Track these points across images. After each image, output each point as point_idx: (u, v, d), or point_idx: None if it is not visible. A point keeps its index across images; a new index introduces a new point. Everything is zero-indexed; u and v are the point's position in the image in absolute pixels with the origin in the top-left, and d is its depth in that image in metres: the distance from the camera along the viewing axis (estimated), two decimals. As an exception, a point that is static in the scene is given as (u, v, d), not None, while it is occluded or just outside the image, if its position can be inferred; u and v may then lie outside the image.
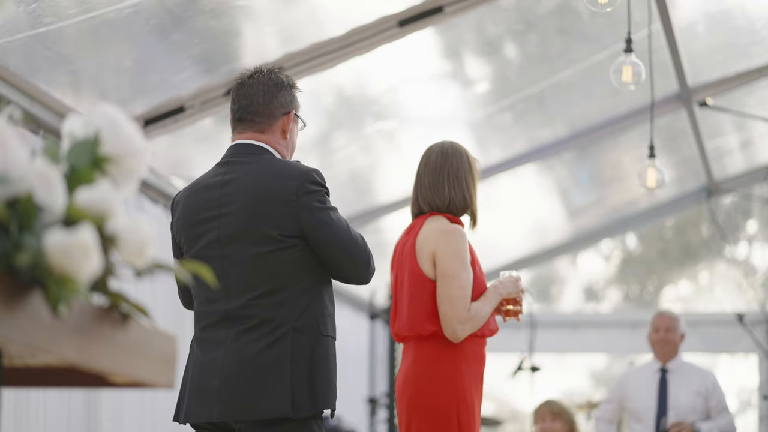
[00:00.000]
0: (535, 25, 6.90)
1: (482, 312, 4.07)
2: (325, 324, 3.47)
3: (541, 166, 8.85)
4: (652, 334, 6.88)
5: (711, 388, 6.73)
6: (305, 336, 3.40)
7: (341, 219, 3.49)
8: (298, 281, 3.43)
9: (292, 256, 3.43)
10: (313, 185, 3.45)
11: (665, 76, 7.30)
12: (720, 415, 6.68)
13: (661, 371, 6.82)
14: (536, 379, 8.18)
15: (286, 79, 3.65)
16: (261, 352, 3.38)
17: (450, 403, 4.02)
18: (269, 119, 3.58)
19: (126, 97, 5.72)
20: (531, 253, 10.26)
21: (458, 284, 4.04)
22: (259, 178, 3.48)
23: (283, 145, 3.61)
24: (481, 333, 4.10)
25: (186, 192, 3.62)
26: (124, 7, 4.95)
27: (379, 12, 5.94)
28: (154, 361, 1.60)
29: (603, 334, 10.12)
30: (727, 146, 9.26)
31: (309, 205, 3.43)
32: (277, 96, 3.59)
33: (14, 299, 1.33)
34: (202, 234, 3.51)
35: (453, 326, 4.02)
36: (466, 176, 4.17)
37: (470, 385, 4.07)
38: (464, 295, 4.04)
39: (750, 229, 10.56)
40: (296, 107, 3.65)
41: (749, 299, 10.11)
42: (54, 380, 1.64)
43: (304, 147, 7.34)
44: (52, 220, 1.39)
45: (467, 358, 4.08)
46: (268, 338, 3.39)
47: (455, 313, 4.03)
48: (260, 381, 3.37)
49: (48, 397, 5.13)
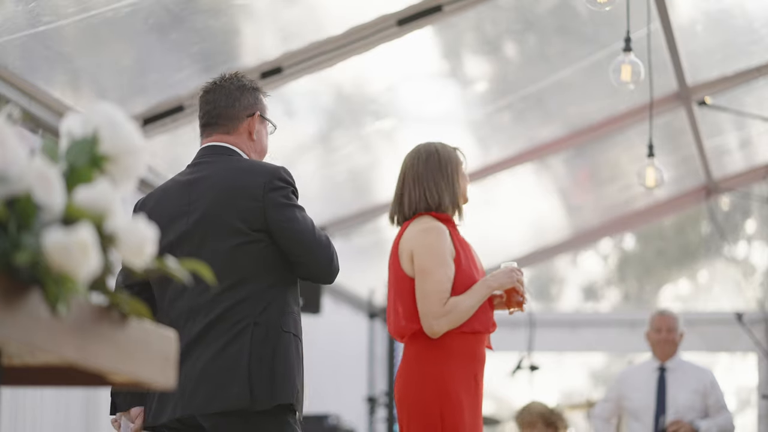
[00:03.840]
0: (534, 24, 6.90)
1: (461, 306, 4.01)
2: (287, 321, 3.48)
3: (540, 165, 8.85)
4: (653, 334, 6.87)
5: (709, 387, 6.73)
6: (266, 331, 3.42)
7: (306, 218, 3.52)
8: (262, 277, 3.46)
9: (258, 251, 3.46)
10: (280, 182, 3.50)
11: (664, 75, 7.29)
12: (718, 414, 6.69)
13: (660, 370, 6.82)
14: (535, 378, 8.18)
15: (249, 82, 3.71)
16: (221, 349, 3.40)
17: (434, 403, 3.99)
18: (233, 122, 3.64)
19: (125, 96, 5.72)
20: (530, 252, 10.26)
21: (433, 279, 4.03)
22: (227, 175, 3.53)
23: (251, 146, 3.66)
24: (470, 329, 4.04)
25: (154, 193, 3.67)
26: (123, 6, 4.95)
27: (378, 11, 5.94)
28: (154, 361, 1.60)
29: (602, 333, 10.12)
30: (726, 145, 9.26)
31: (275, 201, 3.47)
32: (240, 99, 3.65)
33: (13, 298, 1.33)
34: (172, 229, 3.53)
35: (429, 322, 4.01)
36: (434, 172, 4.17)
37: (458, 384, 4.01)
38: (439, 290, 4.01)
39: (749, 229, 10.56)
40: (261, 109, 3.70)
41: (748, 298, 10.11)
42: (53, 379, 1.64)
43: (304, 146, 7.34)
44: (51, 219, 1.39)
45: (454, 357, 4.03)
46: (228, 335, 3.42)
47: (430, 309, 4.01)
48: (220, 376, 3.39)
49: (46, 396, 5.13)
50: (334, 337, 8.78)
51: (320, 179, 7.77)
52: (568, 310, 10.87)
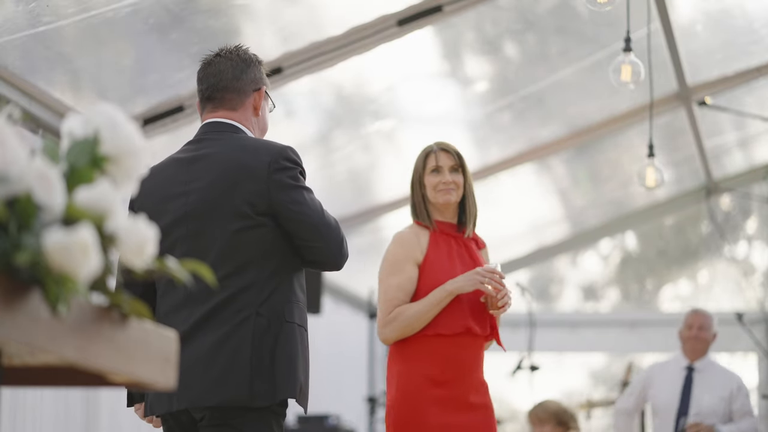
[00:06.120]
0: (534, 24, 6.90)
1: (407, 313, 4.02)
2: (291, 311, 3.32)
3: (540, 165, 8.85)
4: (684, 331, 6.79)
5: (736, 391, 6.65)
6: (268, 322, 3.27)
7: (314, 199, 3.35)
8: (266, 263, 3.29)
9: (262, 235, 3.29)
10: (287, 162, 3.32)
11: (664, 75, 7.30)
12: (742, 419, 6.60)
13: (688, 369, 6.74)
14: (535, 378, 8.18)
15: (254, 56, 3.54)
16: (221, 341, 3.25)
17: (395, 403, 4.06)
18: (240, 96, 3.46)
19: (125, 97, 5.72)
20: (530, 252, 10.26)
21: (382, 289, 4.12)
22: (231, 154, 3.34)
23: (255, 123, 3.49)
24: (433, 332, 4.02)
25: (151, 169, 3.41)
26: (123, 6, 4.95)
27: (379, 11, 5.94)
28: (154, 361, 1.60)
29: (602, 333, 10.12)
30: (726, 145, 9.26)
31: (280, 182, 3.29)
32: (247, 72, 3.48)
33: (13, 299, 1.33)
34: (168, 210, 3.37)
35: (378, 330, 4.12)
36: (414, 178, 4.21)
37: (419, 384, 4.01)
38: (386, 299, 4.07)
39: (749, 228, 10.55)
40: (266, 84, 3.54)
41: (748, 298, 10.10)
42: (53, 379, 1.64)
43: (303, 146, 7.34)
44: (52, 219, 1.39)
45: (415, 358, 4.04)
46: (229, 323, 3.26)
47: (378, 317, 4.12)
48: (219, 368, 3.25)
49: (46, 396, 5.13)
50: (334, 337, 8.78)
51: (320, 179, 7.76)
52: (568, 310, 10.86)
